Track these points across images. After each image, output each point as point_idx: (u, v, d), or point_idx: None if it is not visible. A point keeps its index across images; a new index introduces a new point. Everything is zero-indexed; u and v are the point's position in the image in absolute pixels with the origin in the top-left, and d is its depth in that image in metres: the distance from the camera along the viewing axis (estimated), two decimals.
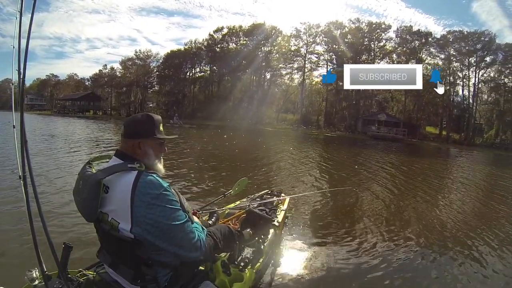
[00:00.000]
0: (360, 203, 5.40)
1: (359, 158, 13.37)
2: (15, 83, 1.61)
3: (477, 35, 37.17)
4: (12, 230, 3.14)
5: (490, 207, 6.01)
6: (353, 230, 3.94)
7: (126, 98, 51.59)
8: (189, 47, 47.21)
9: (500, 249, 3.68)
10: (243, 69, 44.00)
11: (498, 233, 4.29)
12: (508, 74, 36.20)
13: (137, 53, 50.23)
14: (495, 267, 3.21)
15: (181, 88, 48.07)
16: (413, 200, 6.00)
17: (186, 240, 1.27)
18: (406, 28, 39.83)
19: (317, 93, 45.52)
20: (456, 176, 10.72)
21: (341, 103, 41.61)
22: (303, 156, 12.29)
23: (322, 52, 42.24)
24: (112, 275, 1.42)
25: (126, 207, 1.20)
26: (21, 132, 1.39)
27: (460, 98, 39.38)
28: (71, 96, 54.50)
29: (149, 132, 1.36)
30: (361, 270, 2.92)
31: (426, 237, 3.89)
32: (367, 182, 7.59)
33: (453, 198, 6.59)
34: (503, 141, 33.86)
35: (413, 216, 4.86)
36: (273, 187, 5.53)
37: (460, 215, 5.14)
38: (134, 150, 1.35)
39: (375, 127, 35.08)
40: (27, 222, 1.38)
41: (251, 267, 2.05)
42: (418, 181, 8.37)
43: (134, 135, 1.36)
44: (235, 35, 44.47)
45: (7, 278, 2.15)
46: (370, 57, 40.69)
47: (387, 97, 42.38)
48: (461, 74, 38.36)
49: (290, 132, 31.79)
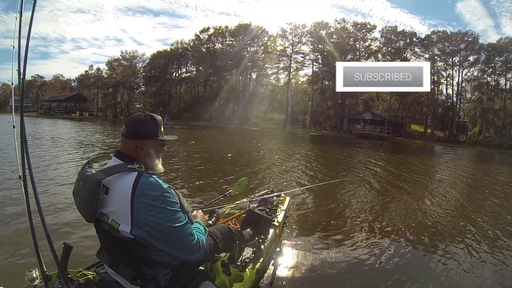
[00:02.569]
0: (357, 201, 5.41)
1: (342, 157, 13.28)
2: (15, 83, 1.59)
3: (460, 35, 37.78)
4: (12, 230, 3.13)
5: (474, 202, 6.13)
6: (352, 229, 3.95)
7: (113, 99, 51.04)
8: (175, 48, 47.04)
9: (482, 240, 3.83)
10: (229, 69, 43.93)
11: (483, 226, 4.46)
12: (491, 73, 36.75)
13: (123, 54, 49.91)
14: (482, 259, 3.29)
15: (167, 88, 47.77)
16: (408, 197, 6.05)
17: (185, 242, 1.27)
18: (391, 28, 40.30)
19: (303, 93, 45.57)
20: (444, 173, 10.75)
21: (326, 102, 41.65)
22: (284, 154, 12.07)
23: (308, 52, 42.45)
24: (112, 275, 1.42)
25: (126, 209, 1.20)
26: (21, 132, 1.37)
27: (444, 96, 39.85)
28: (57, 97, 53.77)
29: (153, 133, 1.36)
30: (361, 269, 2.92)
31: (422, 234, 3.98)
32: (354, 178, 7.62)
33: (439, 195, 6.61)
34: (487, 138, 34.14)
35: (407, 213, 4.91)
36: (272, 187, 5.45)
37: (450, 211, 5.21)
38: (137, 151, 1.33)
39: (360, 126, 35.12)
40: (27, 222, 1.37)
41: (251, 267, 2.05)
42: (402, 178, 8.38)
43: (137, 136, 1.34)
44: (221, 35, 44.43)
45: (7, 278, 2.16)
46: (356, 57, 40.89)
47: (373, 96, 42.57)
48: (445, 73, 38.83)
49: (275, 132, 31.59)
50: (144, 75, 49.59)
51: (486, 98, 36.70)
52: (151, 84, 48.48)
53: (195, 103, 45.37)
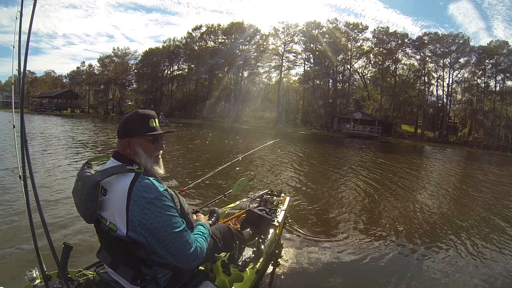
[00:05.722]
0: (357, 201, 5.43)
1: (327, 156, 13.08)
2: (15, 83, 1.40)
3: (451, 37, 38.10)
4: (12, 230, 3.10)
5: (462, 201, 6.29)
6: (352, 229, 3.97)
7: (104, 96, 50.65)
8: (168, 45, 46.85)
9: (474, 237, 4.02)
10: (221, 67, 43.76)
11: (474, 224, 4.63)
12: (481, 75, 36.99)
13: (115, 51, 49.62)
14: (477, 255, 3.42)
15: (159, 86, 47.45)
16: (405, 197, 6.17)
17: (180, 251, 1.22)
18: (383, 29, 40.47)
19: (294, 92, 45.50)
20: (433, 173, 10.80)
21: (317, 101, 41.62)
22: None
23: (300, 51, 42.40)
24: (112, 275, 1.41)
25: (122, 211, 1.18)
26: (21, 132, 1.34)
27: (435, 97, 40.07)
28: (48, 93, 53.23)
29: (139, 130, 1.30)
30: (361, 268, 2.92)
31: (422, 233, 4.04)
32: (349, 176, 7.73)
33: (433, 194, 6.73)
34: (476, 139, 34.30)
35: (400, 213, 4.98)
36: (272, 187, 5.49)
37: (438, 211, 5.33)
38: (125, 149, 1.30)
39: (350, 125, 35.10)
40: (27, 222, 1.35)
41: (251, 267, 2.03)
42: (390, 178, 8.42)
43: (124, 134, 1.30)
44: (214, 33, 44.29)
45: (7, 278, 2.17)
46: (347, 57, 40.98)
47: (364, 96, 42.64)
48: (436, 74, 39.02)
49: (264, 130, 31.39)
50: (136, 72, 49.29)
51: (476, 99, 36.99)
52: (143, 82, 48.08)
53: (187, 101, 45.16)
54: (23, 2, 1.40)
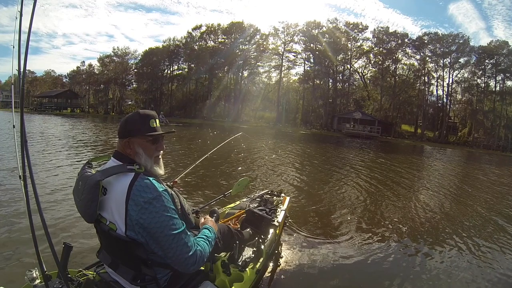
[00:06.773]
0: (356, 201, 5.41)
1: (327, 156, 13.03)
2: (15, 82, 1.31)
3: (451, 37, 38.10)
4: (12, 230, 3.10)
5: (463, 200, 6.25)
6: (353, 228, 3.95)
7: (104, 95, 50.57)
8: (167, 45, 46.78)
9: (474, 237, 4.00)
10: (221, 67, 43.70)
11: (471, 224, 4.61)
12: (481, 75, 36.99)
13: (115, 50, 49.54)
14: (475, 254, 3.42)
15: (159, 86, 47.38)
16: (405, 197, 6.13)
17: (177, 253, 1.20)
18: (383, 29, 40.44)
19: (294, 91, 45.46)
20: (434, 172, 10.74)
21: (317, 101, 41.59)
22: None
23: (300, 51, 42.36)
24: (112, 275, 1.41)
25: (122, 210, 1.18)
26: (21, 132, 1.35)
27: (435, 97, 40.07)
28: (48, 93, 53.07)
29: (138, 130, 1.30)
30: (362, 268, 2.91)
31: (421, 232, 4.07)
32: (350, 176, 7.66)
33: (432, 194, 6.68)
34: (476, 139, 34.28)
35: (401, 212, 4.97)
36: (272, 187, 5.48)
37: (439, 211, 5.30)
38: (125, 149, 1.30)
39: (349, 125, 35.09)
40: (27, 222, 1.38)
41: (251, 267, 2.03)
42: (390, 177, 8.36)
43: (124, 134, 1.30)
44: (214, 33, 44.24)
45: (7, 278, 2.17)
46: (347, 57, 40.96)
47: (364, 96, 42.61)
48: (436, 74, 39.01)
49: (265, 130, 31.38)
50: (136, 72, 49.18)
51: (475, 99, 36.98)
52: (143, 81, 48.00)
53: (187, 100, 45.11)
54: (23, 2, 1.39)
